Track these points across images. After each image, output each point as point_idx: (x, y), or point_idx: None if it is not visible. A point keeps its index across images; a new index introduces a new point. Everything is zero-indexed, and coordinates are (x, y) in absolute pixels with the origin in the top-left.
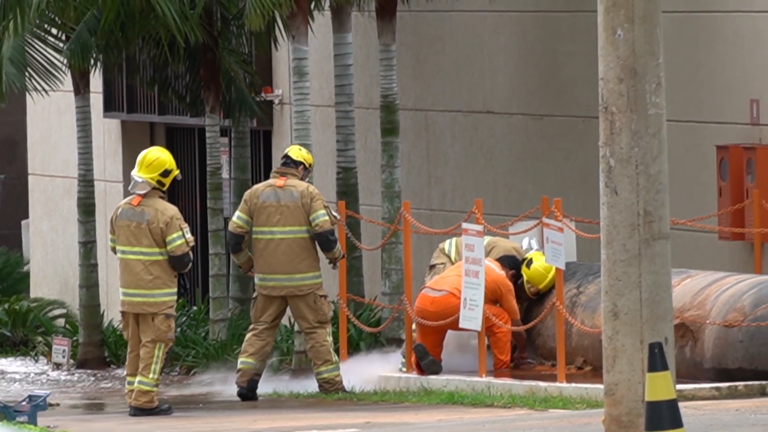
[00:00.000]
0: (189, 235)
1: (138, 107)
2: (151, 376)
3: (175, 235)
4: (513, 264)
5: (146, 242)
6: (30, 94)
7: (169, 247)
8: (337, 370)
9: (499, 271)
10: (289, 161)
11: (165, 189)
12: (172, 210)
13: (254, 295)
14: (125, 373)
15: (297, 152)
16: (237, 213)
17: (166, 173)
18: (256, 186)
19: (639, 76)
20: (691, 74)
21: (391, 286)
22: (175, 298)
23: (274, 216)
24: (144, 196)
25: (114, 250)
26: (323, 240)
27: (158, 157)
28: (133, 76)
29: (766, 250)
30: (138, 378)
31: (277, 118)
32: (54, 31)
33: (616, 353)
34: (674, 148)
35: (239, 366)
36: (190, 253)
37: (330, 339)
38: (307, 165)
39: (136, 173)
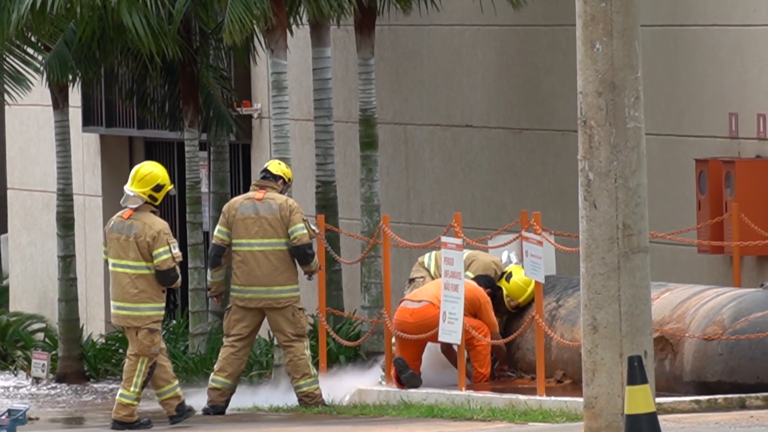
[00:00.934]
0: (176, 251)
1: (117, 121)
2: (132, 389)
3: (161, 250)
4: (489, 283)
5: (133, 255)
6: (6, 105)
7: (155, 261)
8: (316, 384)
9: (476, 285)
10: (268, 175)
11: (158, 204)
12: (160, 224)
13: (228, 306)
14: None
15: (276, 167)
16: (218, 227)
17: (158, 188)
18: (234, 198)
19: (618, 90)
20: (669, 88)
21: (370, 299)
22: (162, 313)
23: (252, 228)
24: (135, 210)
25: (107, 262)
26: (301, 253)
27: (151, 171)
28: (111, 90)
29: (745, 264)
30: (119, 391)
31: (256, 132)
32: (30, 49)
33: (595, 366)
34: (653, 162)
35: (217, 385)
36: (177, 268)
37: (308, 352)
38: (286, 179)
39: (129, 187)
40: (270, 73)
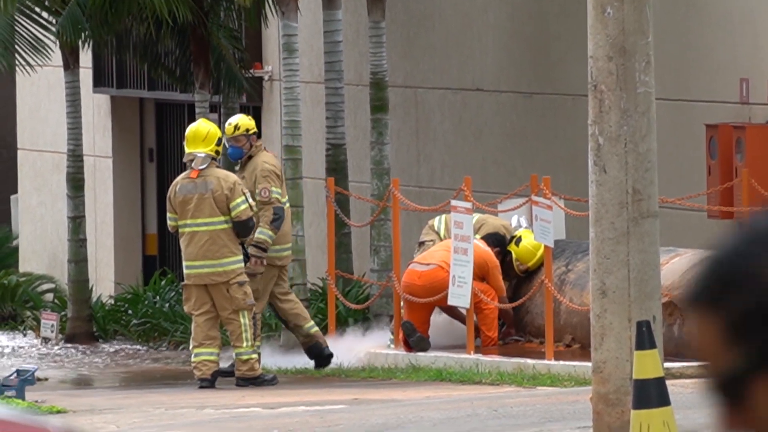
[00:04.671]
0: (251, 200)
1: (128, 83)
2: (245, 344)
3: (239, 200)
4: (498, 242)
5: (209, 212)
6: (21, 70)
7: (234, 213)
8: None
9: (485, 248)
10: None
11: (218, 158)
12: (233, 176)
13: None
14: (191, 346)
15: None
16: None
17: (219, 142)
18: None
19: (628, 55)
20: (680, 53)
21: (379, 262)
22: (242, 265)
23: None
24: (202, 168)
25: (175, 228)
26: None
27: (209, 129)
28: (122, 51)
29: None
30: (234, 352)
31: (267, 94)
32: (41, 10)
33: (604, 331)
34: (663, 127)
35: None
36: (254, 218)
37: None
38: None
39: (195, 149)
40: (281, 35)
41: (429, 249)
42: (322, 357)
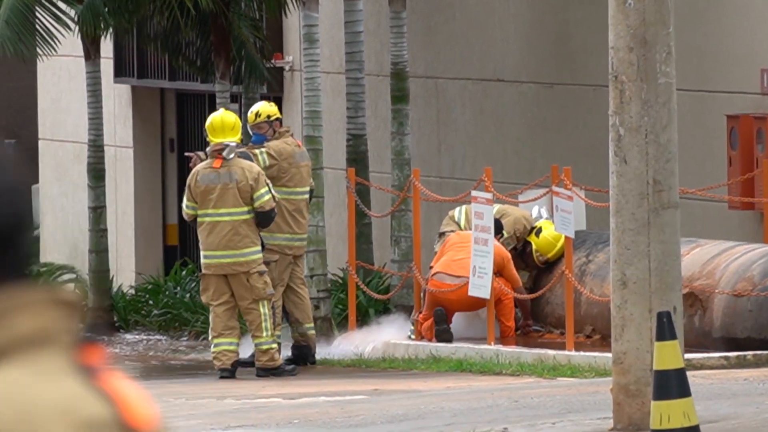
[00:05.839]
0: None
1: (148, 73)
2: (265, 334)
3: (263, 191)
4: (498, 230)
5: (232, 202)
6: (41, 59)
7: (257, 203)
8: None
9: (496, 243)
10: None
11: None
12: (256, 167)
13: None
14: (211, 336)
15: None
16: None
17: (241, 131)
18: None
19: (649, 45)
20: (701, 43)
21: (400, 253)
22: (262, 255)
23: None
24: (225, 158)
25: (193, 217)
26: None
27: (235, 119)
28: (143, 41)
29: None
30: (254, 342)
31: (288, 84)
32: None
33: (624, 322)
34: (684, 118)
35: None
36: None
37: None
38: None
39: (223, 139)
40: (302, 25)
41: (452, 248)
42: (305, 358)
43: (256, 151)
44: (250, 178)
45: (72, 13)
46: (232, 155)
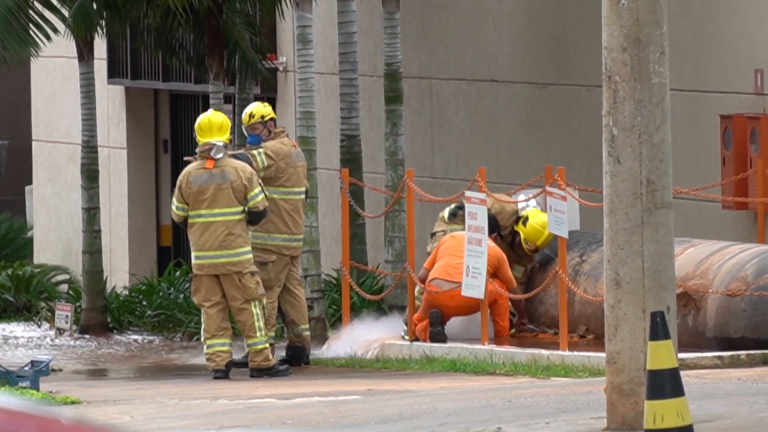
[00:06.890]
0: (265, 191)
1: (142, 74)
2: (258, 334)
3: (256, 191)
4: (493, 228)
5: (226, 202)
6: (33, 60)
7: (251, 203)
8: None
9: (491, 243)
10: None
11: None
12: (248, 167)
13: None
14: (203, 337)
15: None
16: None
17: (230, 131)
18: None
19: (643, 45)
20: (695, 43)
21: (394, 253)
22: (252, 256)
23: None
24: (217, 158)
25: (183, 218)
26: None
27: (223, 119)
28: (137, 41)
29: None
30: (246, 342)
31: (281, 85)
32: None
33: (618, 322)
34: (678, 118)
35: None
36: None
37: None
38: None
39: (212, 139)
40: (295, 26)
41: (449, 252)
42: (299, 359)
43: (254, 151)
44: (243, 178)
45: (65, 12)
46: (220, 155)
